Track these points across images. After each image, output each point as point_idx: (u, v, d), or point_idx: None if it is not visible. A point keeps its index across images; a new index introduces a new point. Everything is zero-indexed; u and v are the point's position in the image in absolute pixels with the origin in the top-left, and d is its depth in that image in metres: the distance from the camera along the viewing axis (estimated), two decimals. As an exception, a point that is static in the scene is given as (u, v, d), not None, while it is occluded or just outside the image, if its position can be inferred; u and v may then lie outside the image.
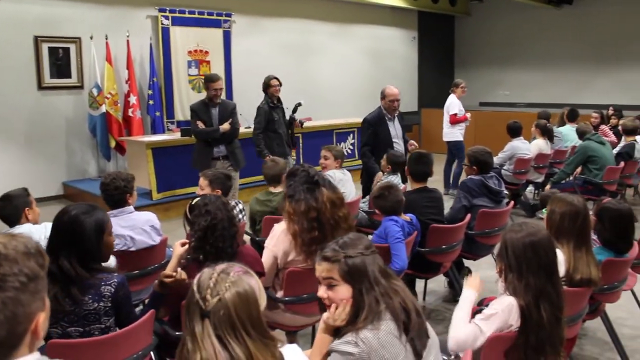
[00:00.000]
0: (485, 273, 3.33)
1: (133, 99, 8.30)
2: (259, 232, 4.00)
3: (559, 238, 2.79)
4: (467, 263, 4.58)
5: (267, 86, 6.37)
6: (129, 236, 3.32)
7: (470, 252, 4.32)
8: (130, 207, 3.43)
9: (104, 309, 2.31)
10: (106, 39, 8.09)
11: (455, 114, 8.04)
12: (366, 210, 4.82)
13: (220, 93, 5.93)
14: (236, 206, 3.97)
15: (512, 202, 4.67)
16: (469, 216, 4.12)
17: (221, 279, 1.47)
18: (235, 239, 2.70)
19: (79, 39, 8.09)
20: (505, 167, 6.84)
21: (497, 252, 2.41)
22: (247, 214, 4.21)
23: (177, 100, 9.03)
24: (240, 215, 3.97)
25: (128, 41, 8.28)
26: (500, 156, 6.85)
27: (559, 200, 2.95)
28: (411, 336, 1.76)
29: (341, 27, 11.82)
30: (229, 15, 9.59)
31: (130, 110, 8.29)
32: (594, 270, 2.80)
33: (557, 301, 2.25)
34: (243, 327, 1.43)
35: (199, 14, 9.18)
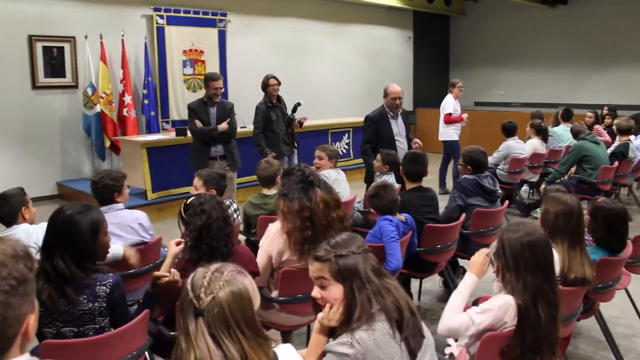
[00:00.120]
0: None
1: (128, 99, 8.26)
2: (255, 235, 3.98)
3: (553, 237, 2.79)
4: (462, 262, 4.60)
5: (266, 85, 6.36)
6: (115, 233, 3.32)
7: (465, 251, 4.31)
8: (120, 204, 3.45)
9: (99, 309, 2.31)
10: (101, 38, 8.07)
11: (450, 113, 8.02)
12: (361, 209, 4.82)
13: (220, 92, 5.92)
14: (231, 205, 3.96)
15: (507, 202, 4.68)
16: (463, 216, 4.14)
17: (215, 277, 1.47)
18: (230, 238, 2.70)
19: (74, 38, 8.07)
20: (500, 166, 6.85)
21: (494, 252, 2.42)
22: (241, 216, 4.18)
23: (172, 99, 9.01)
24: (234, 215, 3.97)
25: (123, 40, 8.23)
26: (495, 156, 6.86)
27: (553, 200, 2.96)
28: (405, 335, 1.75)
29: (336, 26, 11.81)
30: (224, 15, 9.58)
31: (125, 110, 8.26)
32: (588, 269, 2.81)
33: (554, 301, 2.26)
34: (237, 326, 1.43)
35: (194, 13, 9.16)
